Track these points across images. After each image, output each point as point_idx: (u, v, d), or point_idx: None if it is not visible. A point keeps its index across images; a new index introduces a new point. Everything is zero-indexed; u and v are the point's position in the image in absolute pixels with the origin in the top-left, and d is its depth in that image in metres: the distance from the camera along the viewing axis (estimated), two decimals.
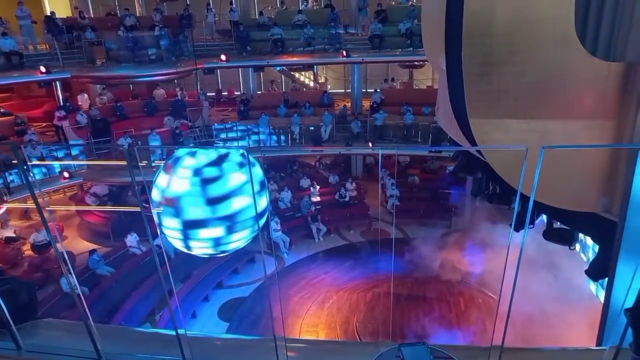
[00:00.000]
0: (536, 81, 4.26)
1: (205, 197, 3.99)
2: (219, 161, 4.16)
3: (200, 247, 4.26)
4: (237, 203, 4.03)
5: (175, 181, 4.07)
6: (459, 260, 13.78)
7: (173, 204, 4.03)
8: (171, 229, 4.18)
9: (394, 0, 23.68)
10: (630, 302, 2.70)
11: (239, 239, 4.27)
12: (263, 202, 4.50)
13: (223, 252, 4.44)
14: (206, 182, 4.02)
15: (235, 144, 17.69)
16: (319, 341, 8.78)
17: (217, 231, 4.09)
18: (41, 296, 11.16)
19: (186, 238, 4.20)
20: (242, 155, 4.35)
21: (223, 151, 4.32)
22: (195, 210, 4.00)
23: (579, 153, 4.42)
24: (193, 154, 4.25)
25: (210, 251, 4.33)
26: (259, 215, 4.30)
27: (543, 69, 4.21)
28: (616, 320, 3.69)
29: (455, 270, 13.23)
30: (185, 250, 4.40)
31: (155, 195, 4.16)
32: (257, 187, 4.26)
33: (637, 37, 4.01)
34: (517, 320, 10.12)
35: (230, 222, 4.06)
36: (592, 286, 11.32)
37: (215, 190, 4.00)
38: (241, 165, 4.22)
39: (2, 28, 15.61)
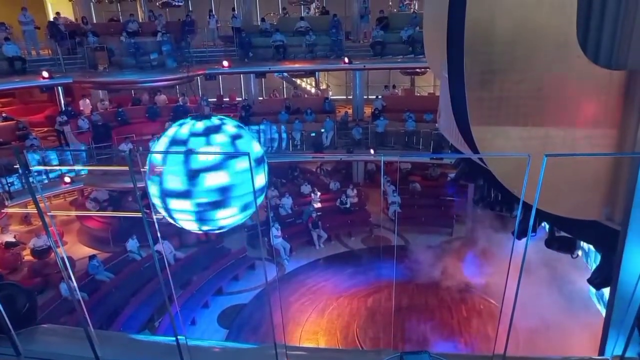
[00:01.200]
0: (537, 89, 4.26)
1: (187, 167, 4.04)
2: (208, 132, 4.24)
3: (183, 218, 4.25)
4: (220, 178, 4.04)
5: (159, 148, 4.18)
6: (460, 267, 13.72)
7: (156, 172, 4.12)
8: (155, 197, 4.24)
9: (396, 7, 23.83)
10: (633, 310, 2.68)
11: (227, 217, 4.24)
12: (261, 179, 4.51)
13: (211, 229, 4.41)
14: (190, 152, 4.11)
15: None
16: (319, 349, 8.74)
17: (200, 204, 4.08)
18: (41, 301, 11.12)
19: (167, 207, 4.23)
20: (239, 126, 4.41)
21: (217, 122, 4.36)
22: (175, 179, 4.04)
23: (580, 161, 4.41)
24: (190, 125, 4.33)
25: (195, 225, 4.32)
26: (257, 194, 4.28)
27: (544, 77, 4.21)
28: (619, 329, 3.67)
29: (457, 278, 13.18)
30: (172, 221, 4.42)
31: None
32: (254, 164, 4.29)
33: (639, 45, 4.01)
34: (520, 328, 10.07)
35: (216, 197, 4.05)
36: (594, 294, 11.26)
37: (197, 162, 4.05)
38: (234, 137, 4.27)
39: (5, 33, 15.69)
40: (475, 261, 14.08)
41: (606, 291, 4.89)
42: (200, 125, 4.32)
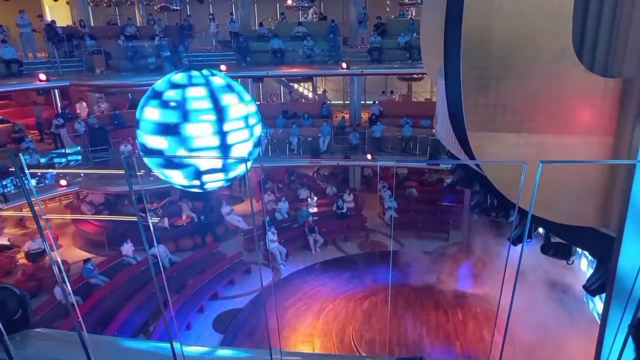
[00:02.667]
0: (534, 96, 4.28)
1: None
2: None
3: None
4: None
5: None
6: (456, 272, 13.74)
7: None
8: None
9: (394, 13, 23.96)
10: (628, 317, 2.68)
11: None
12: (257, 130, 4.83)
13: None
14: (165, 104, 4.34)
15: None
16: (315, 354, 8.69)
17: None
18: (35, 305, 11.04)
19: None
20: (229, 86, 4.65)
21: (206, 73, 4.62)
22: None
23: (576, 168, 4.43)
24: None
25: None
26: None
27: (541, 84, 4.24)
28: (614, 336, 3.67)
29: (453, 282, 13.19)
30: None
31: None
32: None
33: (634, 53, 4.05)
34: (515, 334, 10.08)
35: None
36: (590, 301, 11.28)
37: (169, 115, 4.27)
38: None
39: (2, 36, 15.67)
40: (471, 266, 14.10)
41: (602, 297, 4.90)
42: (179, 77, 4.60)
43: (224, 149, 4.54)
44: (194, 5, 23.68)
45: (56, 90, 18.33)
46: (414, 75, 21.47)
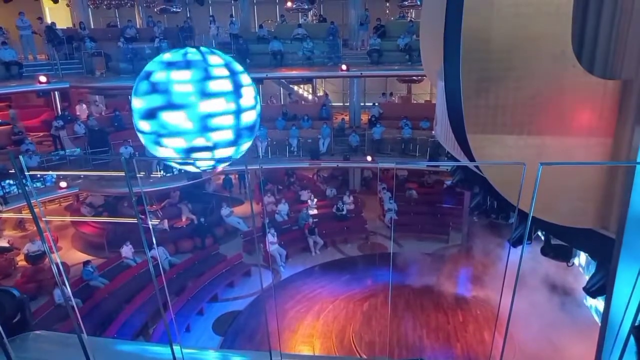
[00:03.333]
0: (533, 97, 4.29)
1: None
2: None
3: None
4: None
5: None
6: (456, 274, 13.73)
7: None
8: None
9: (393, 15, 23.99)
10: (628, 320, 2.68)
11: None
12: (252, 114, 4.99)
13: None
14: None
15: None
16: (315, 357, 8.69)
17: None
18: (34, 307, 11.03)
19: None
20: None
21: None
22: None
23: (576, 169, 4.43)
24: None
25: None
26: (248, 129, 4.70)
27: (540, 86, 4.25)
28: (614, 337, 3.67)
29: (453, 284, 13.18)
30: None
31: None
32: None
33: (633, 55, 4.06)
34: (516, 337, 10.07)
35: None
36: (591, 301, 11.28)
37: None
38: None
39: (2, 38, 15.68)
40: (471, 268, 14.09)
41: (601, 299, 4.90)
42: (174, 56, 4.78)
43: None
44: (194, 7, 23.70)
45: (56, 93, 18.34)
46: (414, 77, 21.49)
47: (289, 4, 22.51)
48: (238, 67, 4.91)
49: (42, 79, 15.08)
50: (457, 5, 4.23)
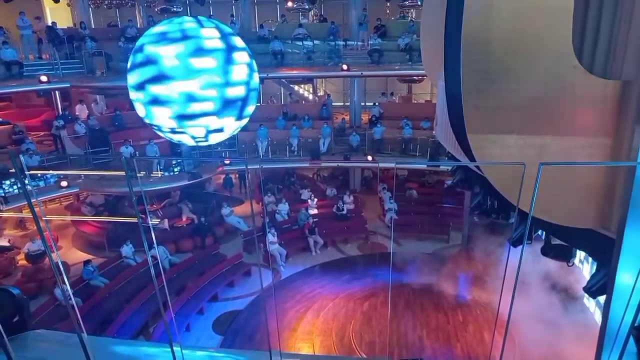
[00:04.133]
0: (534, 97, 4.29)
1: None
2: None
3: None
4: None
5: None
6: (456, 274, 13.74)
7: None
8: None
9: (394, 15, 23.98)
10: (628, 319, 2.68)
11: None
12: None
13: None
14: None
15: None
16: (315, 356, 8.70)
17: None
18: (35, 306, 11.05)
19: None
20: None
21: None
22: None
23: (576, 170, 4.44)
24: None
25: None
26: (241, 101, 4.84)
27: (541, 86, 4.25)
28: (614, 337, 3.67)
29: (453, 284, 13.19)
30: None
31: None
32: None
33: (633, 55, 4.05)
34: (516, 336, 10.08)
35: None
36: (591, 302, 11.29)
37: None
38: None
39: (3, 38, 15.68)
40: (471, 268, 14.10)
41: (602, 299, 4.90)
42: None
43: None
44: (194, 7, 23.72)
45: (57, 92, 18.35)
46: (414, 77, 21.49)
47: (290, 3, 22.52)
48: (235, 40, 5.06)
49: (43, 78, 15.09)
50: (457, 5, 4.23)
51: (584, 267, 12.49)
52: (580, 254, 11.41)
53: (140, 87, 4.71)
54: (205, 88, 4.68)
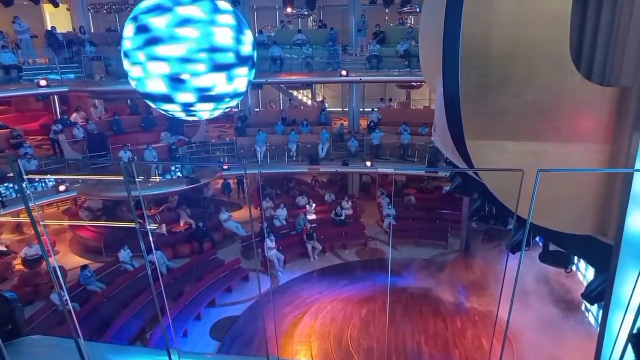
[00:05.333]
0: (532, 104, 4.30)
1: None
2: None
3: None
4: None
5: None
6: (455, 280, 13.71)
7: None
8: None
9: (392, 21, 24.10)
10: (627, 326, 2.68)
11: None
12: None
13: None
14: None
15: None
16: None
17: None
18: (31, 312, 11.00)
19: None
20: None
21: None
22: None
23: (574, 176, 4.44)
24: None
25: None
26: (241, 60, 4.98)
27: (539, 92, 4.26)
28: (612, 344, 3.66)
29: (451, 290, 13.16)
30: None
31: None
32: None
33: (631, 62, 4.07)
34: (514, 342, 10.05)
35: None
36: (592, 309, 11.28)
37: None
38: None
39: (2, 42, 15.70)
40: (470, 274, 14.08)
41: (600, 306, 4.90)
42: None
43: None
44: None
45: (55, 96, 18.34)
46: (413, 83, 21.55)
47: (289, 9, 22.60)
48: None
49: (42, 82, 15.09)
50: (456, 11, 4.25)
51: (586, 273, 12.49)
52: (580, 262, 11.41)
53: (139, 48, 4.86)
54: (196, 52, 4.84)
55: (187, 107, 5.29)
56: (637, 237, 3.87)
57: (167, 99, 5.15)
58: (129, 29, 5.06)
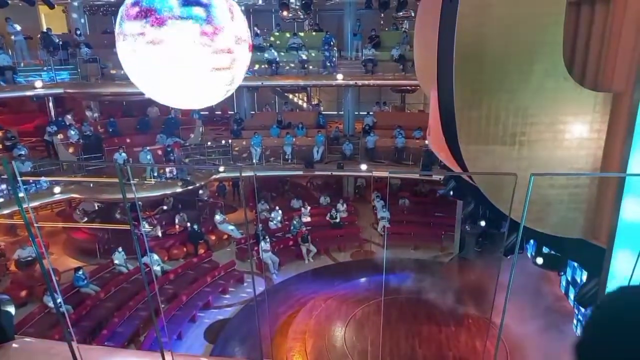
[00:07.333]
0: (525, 109, 4.35)
1: None
2: None
3: None
4: None
5: None
6: (449, 283, 13.74)
7: None
8: None
9: (387, 26, 24.20)
10: None
11: None
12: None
13: None
14: None
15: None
16: None
17: None
18: (24, 314, 10.92)
19: None
20: None
21: None
22: None
23: (567, 180, 4.48)
24: None
25: None
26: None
27: (532, 97, 4.31)
28: None
29: (445, 293, 13.18)
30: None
31: None
32: None
33: (623, 68, 4.13)
34: (508, 345, 10.07)
35: None
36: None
37: None
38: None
39: None
40: (463, 277, 14.11)
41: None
42: None
43: None
44: None
45: (50, 98, 18.27)
46: (407, 87, 21.64)
47: (285, 13, 22.63)
48: None
49: (37, 84, 15.03)
50: (450, 18, 4.29)
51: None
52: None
53: None
54: None
55: None
56: (628, 240, 3.92)
57: None
58: None
